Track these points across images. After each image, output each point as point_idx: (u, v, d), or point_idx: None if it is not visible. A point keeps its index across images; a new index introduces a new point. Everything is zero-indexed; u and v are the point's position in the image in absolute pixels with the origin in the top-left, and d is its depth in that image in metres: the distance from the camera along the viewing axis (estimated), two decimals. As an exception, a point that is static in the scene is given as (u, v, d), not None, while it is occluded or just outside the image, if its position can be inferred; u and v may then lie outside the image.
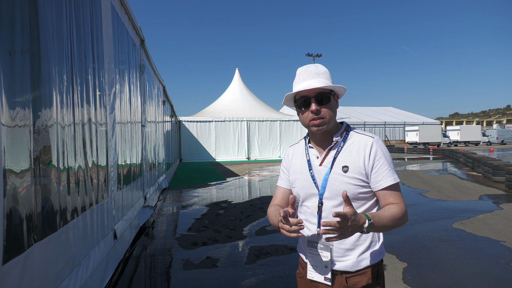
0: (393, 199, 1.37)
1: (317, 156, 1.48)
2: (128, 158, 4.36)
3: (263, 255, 4.26)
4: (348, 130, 1.48)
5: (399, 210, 1.34)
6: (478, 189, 9.21)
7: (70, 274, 2.18)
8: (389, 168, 1.37)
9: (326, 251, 1.40)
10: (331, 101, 1.41)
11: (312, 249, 1.44)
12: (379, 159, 1.37)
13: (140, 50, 5.66)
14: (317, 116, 1.38)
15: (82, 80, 2.48)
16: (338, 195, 1.37)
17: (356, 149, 1.40)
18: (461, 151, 18.71)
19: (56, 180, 1.96)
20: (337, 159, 1.41)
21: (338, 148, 1.43)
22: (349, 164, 1.38)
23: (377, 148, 1.39)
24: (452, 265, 3.82)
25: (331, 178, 1.39)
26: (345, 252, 1.39)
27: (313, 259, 1.44)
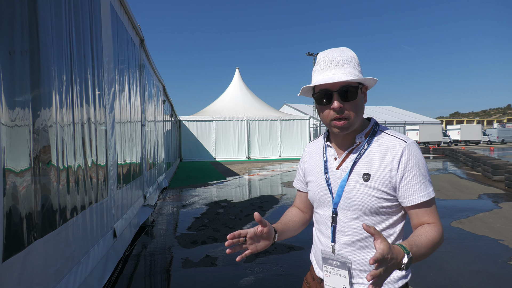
0: (428, 217, 1.15)
1: (335, 158, 1.26)
2: (128, 157, 4.38)
3: (262, 253, 4.28)
4: (376, 130, 1.23)
5: (437, 232, 1.12)
6: (477, 188, 9.23)
7: (69, 271, 2.20)
8: (422, 181, 1.13)
9: (343, 269, 1.19)
10: (358, 96, 1.16)
11: (328, 267, 1.23)
12: (411, 169, 1.13)
13: (139, 50, 5.68)
14: (340, 115, 1.15)
15: (82, 80, 2.50)
16: (355, 207, 1.17)
17: (383, 155, 1.16)
18: (461, 150, 18.72)
19: (55, 179, 1.98)
20: (358, 164, 1.19)
21: (361, 151, 1.20)
22: (371, 171, 1.16)
23: (410, 155, 1.14)
24: (450, 263, 3.84)
25: (348, 186, 1.18)
26: (362, 274, 1.18)
27: (330, 278, 1.23)
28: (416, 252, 1.02)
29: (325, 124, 1.21)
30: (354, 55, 1.19)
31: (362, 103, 1.19)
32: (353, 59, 1.17)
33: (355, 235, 1.18)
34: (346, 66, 1.15)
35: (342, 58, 1.16)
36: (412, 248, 1.01)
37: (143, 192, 5.76)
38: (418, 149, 1.17)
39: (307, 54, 40.21)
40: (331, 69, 1.15)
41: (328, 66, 1.16)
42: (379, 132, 1.22)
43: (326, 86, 1.15)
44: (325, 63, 1.17)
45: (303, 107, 47.91)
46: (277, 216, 6.24)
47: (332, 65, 1.16)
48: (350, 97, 1.14)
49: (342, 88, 1.13)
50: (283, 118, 24.76)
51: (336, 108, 1.13)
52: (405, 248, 0.99)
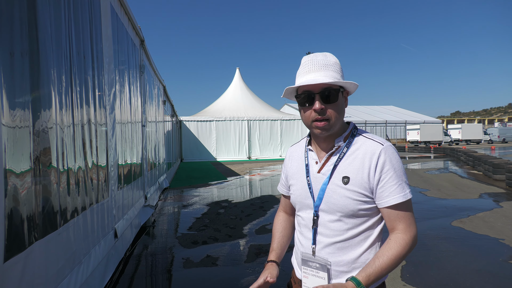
0: (399, 222, 1.17)
1: (316, 161, 1.29)
2: (129, 158, 4.39)
3: (263, 253, 4.28)
4: (355, 134, 1.26)
5: (402, 246, 1.14)
6: (478, 188, 9.22)
7: (71, 272, 2.21)
8: (398, 183, 1.16)
9: (322, 271, 1.22)
10: (339, 99, 1.20)
11: (307, 269, 1.27)
12: (387, 171, 1.16)
13: (140, 51, 5.69)
14: (321, 116, 1.18)
15: (82, 81, 2.51)
16: (336, 210, 1.20)
17: (361, 158, 1.19)
18: (462, 150, 18.71)
19: (56, 180, 1.99)
20: (338, 168, 1.21)
21: (340, 154, 1.22)
22: (350, 175, 1.18)
23: (386, 157, 1.17)
24: (451, 262, 3.84)
25: (329, 189, 1.21)
26: (341, 275, 1.21)
27: (308, 280, 1.26)
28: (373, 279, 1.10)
29: (307, 125, 1.25)
30: (336, 60, 1.23)
31: (342, 106, 1.23)
32: (335, 63, 1.21)
33: (335, 236, 1.21)
34: (329, 69, 1.19)
35: (325, 62, 1.20)
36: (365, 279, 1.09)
37: (144, 192, 5.77)
38: (394, 152, 1.19)
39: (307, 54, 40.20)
40: (314, 72, 1.19)
41: (311, 69, 1.20)
42: (358, 135, 1.25)
43: (308, 87, 1.19)
44: (308, 66, 1.21)
45: (304, 107, 47.80)
46: (278, 216, 6.23)
47: (315, 68, 1.20)
48: (331, 99, 1.18)
49: (324, 90, 1.17)
50: (283, 118, 24.76)
51: (318, 109, 1.17)
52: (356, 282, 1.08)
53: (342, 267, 1.21)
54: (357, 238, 1.21)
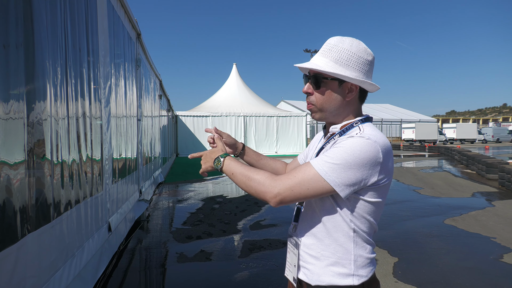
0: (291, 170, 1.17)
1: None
2: (124, 151, 4.38)
3: (257, 249, 4.30)
4: (354, 125, 1.18)
5: (262, 177, 1.10)
6: (471, 187, 9.31)
7: (64, 264, 2.21)
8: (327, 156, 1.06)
9: (295, 248, 1.22)
10: (329, 88, 1.16)
11: (289, 244, 1.28)
12: (335, 146, 1.09)
13: (136, 44, 5.66)
14: (308, 99, 1.23)
15: (77, 74, 2.49)
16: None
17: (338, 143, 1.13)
18: (456, 149, 18.84)
19: (49, 172, 1.98)
20: (321, 152, 1.19)
21: (330, 141, 1.20)
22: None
23: (348, 139, 1.07)
24: (442, 260, 3.88)
25: None
26: (309, 259, 1.17)
27: (289, 255, 1.27)
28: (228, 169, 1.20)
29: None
30: (350, 48, 1.14)
31: (332, 96, 1.17)
32: (343, 51, 1.14)
33: (310, 219, 1.20)
34: (326, 56, 1.16)
35: (330, 47, 1.16)
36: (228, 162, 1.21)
37: (139, 186, 5.76)
38: (360, 145, 1.04)
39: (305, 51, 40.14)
40: (317, 55, 1.20)
41: (319, 51, 1.21)
42: (356, 127, 1.17)
43: (303, 70, 1.24)
44: (322, 47, 1.22)
45: (300, 104, 47.93)
46: (273, 212, 6.27)
47: (321, 51, 1.20)
48: (317, 85, 1.18)
49: (313, 75, 1.19)
50: (280, 115, 24.77)
51: (304, 91, 1.23)
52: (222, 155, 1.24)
53: (311, 250, 1.16)
54: (327, 225, 1.13)
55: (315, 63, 1.17)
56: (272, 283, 3.34)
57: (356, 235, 1.12)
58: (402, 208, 6.61)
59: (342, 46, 1.15)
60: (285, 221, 5.57)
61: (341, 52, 1.14)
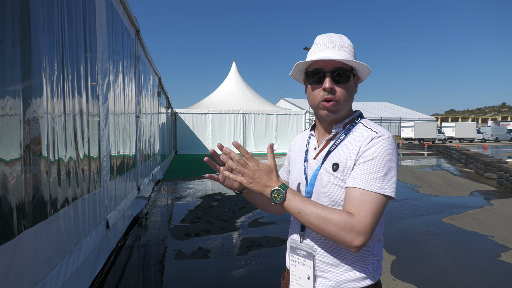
0: (350, 208, 1.03)
1: (315, 147, 1.25)
2: (122, 148, 4.37)
3: (255, 246, 4.30)
4: (356, 121, 1.19)
5: (341, 219, 1.00)
6: (469, 185, 9.32)
7: (61, 261, 2.20)
8: (371, 170, 1.04)
9: (309, 259, 1.16)
10: (351, 81, 1.15)
11: (295, 256, 1.21)
12: (368, 154, 1.06)
13: (135, 41, 5.64)
14: (330, 96, 1.12)
15: (74, 70, 2.48)
16: (323, 197, 1.14)
17: (355, 145, 1.11)
18: (455, 148, 18.86)
19: (46, 169, 1.97)
20: (331, 154, 1.15)
21: (337, 141, 1.17)
22: (340, 161, 1.12)
23: (375, 144, 1.06)
24: (440, 258, 3.89)
25: (320, 176, 1.16)
26: (325, 267, 1.13)
27: (296, 268, 1.20)
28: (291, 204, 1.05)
29: (313, 106, 1.19)
30: (351, 43, 1.18)
31: (353, 90, 1.18)
32: (350, 46, 1.16)
33: None
34: (343, 50, 1.14)
35: (340, 42, 1.15)
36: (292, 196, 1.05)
37: (137, 184, 5.75)
38: (389, 143, 1.07)
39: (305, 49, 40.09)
40: (328, 50, 1.14)
41: (325, 47, 1.15)
42: (359, 123, 1.18)
43: (320, 65, 1.14)
44: (322, 44, 1.16)
45: (300, 102, 47.92)
46: (271, 210, 6.27)
47: (329, 46, 1.14)
48: (342, 80, 1.12)
49: (336, 69, 1.12)
50: (279, 113, 24.76)
51: (327, 88, 1.11)
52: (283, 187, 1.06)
53: (327, 258, 1.13)
54: None
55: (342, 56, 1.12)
56: (270, 280, 3.34)
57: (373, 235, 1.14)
58: (401, 207, 6.62)
59: (346, 41, 1.16)
60: (283, 219, 5.57)
61: (349, 47, 1.16)
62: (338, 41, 1.15)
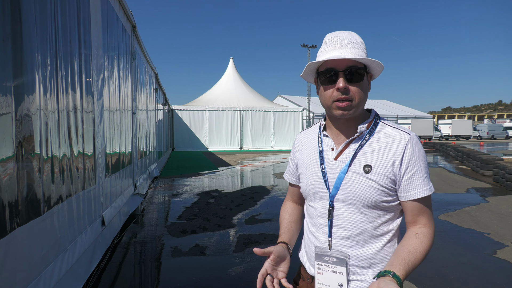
0: (422, 216, 1.10)
1: (332, 148, 1.20)
2: (118, 145, 4.34)
3: (252, 243, 4.29)
4: (378, 121, 1.18)
5: (430, 240, 1.09)
6: (466, 183, 9.35)
7: (55, 259, 2.18)
8: (424, 175, 1.10)
9: (341, 265, 1.14)
10: (364, 80, 1.12)
11: (322, 264, 1.18)
12: (415, 162, 1.09)
13: (131, 36, 5.59)
14: (344, 96, 1.09)
15: (68, 65, 2.44)
16: (355, 200, 1.12)
17: (386, 146, 1.11)
18: (451, 145, 18.93)
19: (39, 166, 1.94)
20: (359, 155, 1.13)
21: (362, 142, 1.14)
22: (373, 163, 1.10)
23: (414, 148, 1.10)
24: (436, 255, 3.89)
25: (348, 178, 1.13)
26: (359, 270, 1.14)
27: (323, 276, 1.17)
28: (408, 273, 1.02)
29: (326, 106, 1.16)
30: (362, 40, 1.15)
31: (367, 89, 1.15)
32: (361, 43, 1.14)
33: (353, 229, 1.13)
34: (355, 47, 1.11)
35: (351, 40, 1.12)
36: (404, 275, 1.00)
37: (134, 180, 5.73)
38: (420, 143, 1.13)
39: (302, 46, 40.07)
40: (340, 48, 1.11)
41: (336, 46, 1.11)
42: (381, 123, 1.17)
43: (332, 64, 1.10)
44: (333, 43, 1.13)
45: (297, 99, 47.88)
46: (268, 207, 6.26)
47: (341, 45, 1.11)
48: (355, 79, 1.10)
49: (349, 68, 1.09)
50: (276, 110, 24.74)
51: (341, 87, 1.08)
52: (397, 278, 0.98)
53: (361, 261, 1.13)
54: (376, 230, 1.13)
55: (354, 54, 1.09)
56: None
57: (397, 235, 1.19)
58: (397, 204, 6.62)
59: (357, 39, 1.14)
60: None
61: (360, 44, 1.13)
62: (349, 39, 1.12)
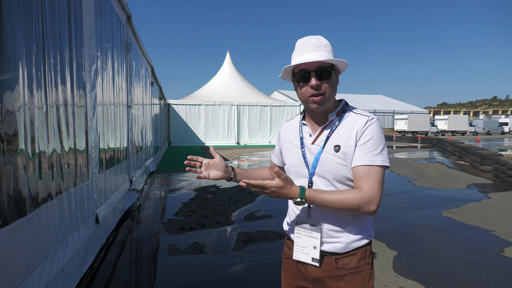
0: (362, 182, 1.25)
1: (310, 134, 1.42)
2: (112, 139, 4.16)
3: (252, 241, 4.16)
4: (346, 109, 1.40)
5: (354, 195, 1.23)
6: (466, 178, 9.27)
7: (44, 261, 2.03)
8: (371, 148, 1.27)
9: (316, 231, 1.36)
10: (332, 76, 1.33)
11: (300, 229, 1.41)
12: (365, 136, 1.28)
13: (126, 27, 5.39)
14: (317, 91, 1.30)
15: (56, 55, 2.27)
16: (328, 176, 1.33)
17: (350, 128, 1.32)
18: (449, 141, 18.88)
19: (25, 163, 1.78)
20: (330, 138, 1.35)
21: (333, 127, 1.36)
22: (341, 143, 1.32)
23: (369, 126, 1.30)
24: (443, 253, 3.77)
25: (322, 158, 1.34)
26: (335, 234, 1.35)
27: (301, 239, 1.40)
28: (313, 201, 1.25)
29: (303, 101, 1.38)
30: (328, 42, 1.35)
31: (335, 83, 1.36)
32: (327, 45, 1.34)
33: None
34: (322, 50, 1.31)
35: (318, 44, 1.32)
36: (311, 197, 1.24)
37: (129, 176, 5.56)
38: (378, 124, 1.32)
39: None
40: (309, 52, 1.31)
41: (306, 50, 1.31)
42: (348, 111, 1.39)
43: (304, 66, 1.31)
44: (304, 47, 1.33)
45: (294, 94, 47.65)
46: (268, 203, 6.13)
47: (309, 48, 1.31)
48: (325, 76, 1.30)
49: (319, 68, 1.29)
50: (273, 104, 24.55)
51: (314, 85, 1.29)
52: (303, 192, 1.24)
53: (336, 226, 1.34)
54: None
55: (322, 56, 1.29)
56: (269, 277, 3.20)
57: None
58: (399, 200, 6.51)
59: (323, 41, 1.33)
60: (280, 212, 5.43)
61: (326, 46, 1.33)
62: (317, 43, 1.32)
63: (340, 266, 1.34)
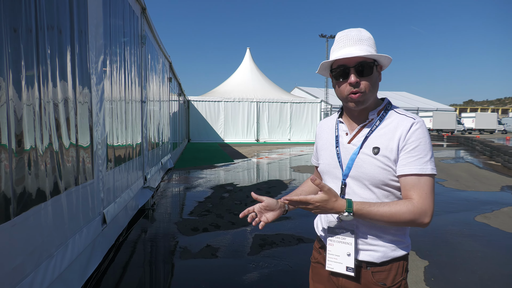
0: (413, 192, 1.15)
1: (346, 133, 1.32)
2: (123, 135, 3.98)
3: (268, 245, 3.90)
4: (388, 109, 1.29)
5: (405, 207, 1.14)
6: (498, 179, 8.68)
7: (36, 269, 1.83)
8: (420, 155, 1.16)
9: (349, 236, 1.26)
10: (374, 73, 1.22)
11: (333, 236, 1.31)
12: (413, 142, 1.17)
13: (141, 19, 5.21)
14: (356, 89, 1.20)
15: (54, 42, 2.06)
16: (364, 179, 1.23)
17: (392, 130, 1.21)
18: (477, 139, 18.02)
19: (7, 162, 1.58)
20: (369, 139, 1.24)
21: (372, 127, 1.25)
22: (380, 145, 1.21)
23: (415, 130, 1.18)
24: (479, 265, 3.40)
25: (359, 159, 1.24)
26: (370, 240, 1.25)
27: (334, 247, 1.30)
28: (362, 215, 1.16)
29: (341, 99, 1.28)
30: (370, 35, 1.25)
31: (377, 80, 1.25)
32: (369, 38, 1.23)
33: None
34: (363, 44, 1.21)
35: (359, 37, 1.22)
36: (359, 210, 1.14)
37: (143, 173, 5.40)
38: (425, 128, 1.21)
39: (320, 36, 39.06)
40: (349, 46, 1.21)
41: (346, 44, 1.22)
42: (391, 111, 1.28)
43: (343, 61, 1.22)
44: (343, 41, 1.23)
45: (314, 91, 47.04)
46: (285, 203, 5.84)
47: (350, 43, 1.22)
48: (366, 73, 1.20)
49: (359, 64, 1.19)
50: (293, 101, 24.15)
51: (353, 82, 1.19)
52: (350, 206, 1.14)
53: (369, 234, 1.25)
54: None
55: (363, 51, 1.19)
56: (286, 286, 2.93)
57: None
58: (426, 202, 6.09)
59: (365, 34, 1.23)
60: (299, 214, 5.14)
61: (368, 40, 1.22)
62: (358, 36, 1.22)
63: (377, 281, 1.24)
